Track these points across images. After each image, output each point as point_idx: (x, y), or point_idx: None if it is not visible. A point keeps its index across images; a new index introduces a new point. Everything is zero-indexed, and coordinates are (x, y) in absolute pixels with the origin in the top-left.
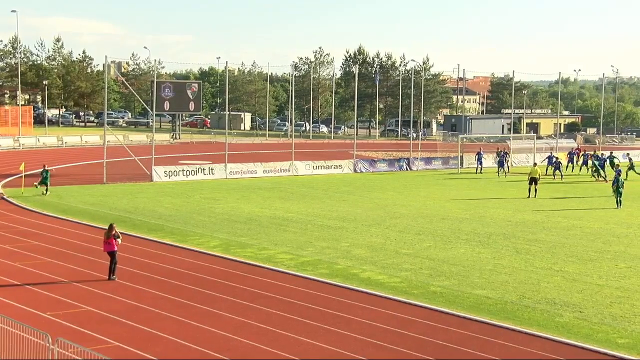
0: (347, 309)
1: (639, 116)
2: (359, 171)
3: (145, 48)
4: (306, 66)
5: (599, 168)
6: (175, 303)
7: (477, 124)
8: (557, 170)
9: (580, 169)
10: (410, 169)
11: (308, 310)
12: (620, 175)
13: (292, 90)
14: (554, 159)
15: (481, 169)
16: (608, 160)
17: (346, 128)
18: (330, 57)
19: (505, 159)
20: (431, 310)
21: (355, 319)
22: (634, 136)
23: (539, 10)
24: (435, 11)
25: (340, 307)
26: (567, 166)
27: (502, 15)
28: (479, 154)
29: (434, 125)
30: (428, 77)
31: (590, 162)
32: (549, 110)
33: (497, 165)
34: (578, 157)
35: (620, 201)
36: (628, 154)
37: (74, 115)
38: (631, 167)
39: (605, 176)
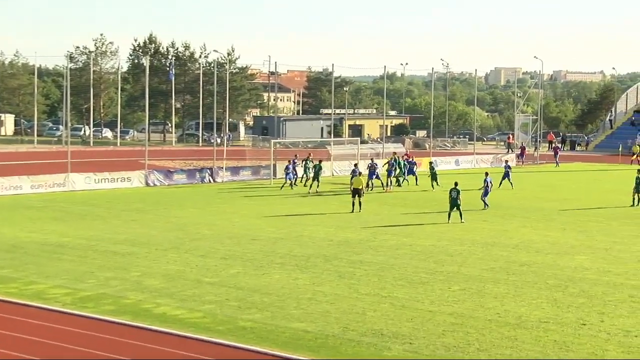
0: (138, 352)
1: (471, 117)
2: (152, 184)
3: None
4: (85, 57)
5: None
6: None
7: (292, 126)
8: (378, 179)
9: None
10: (214, 180)
11: (88, 357)
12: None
13: (67, 87)
14: (374, 167)
15: (295, 180)
16: (430, 171)
17: (136, 132)
18: (114, 46)
19: (297, 167)
20: (240, 349)
21: None
22: (467, 140)
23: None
24: None
25: (131, 351)
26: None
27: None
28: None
29: (242, 129)
30: (234, 71)
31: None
32: (374, 110)
33: (284, 175)
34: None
35: (453, 214)
36: (506, 161)
37: None
38: (433, 176)
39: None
